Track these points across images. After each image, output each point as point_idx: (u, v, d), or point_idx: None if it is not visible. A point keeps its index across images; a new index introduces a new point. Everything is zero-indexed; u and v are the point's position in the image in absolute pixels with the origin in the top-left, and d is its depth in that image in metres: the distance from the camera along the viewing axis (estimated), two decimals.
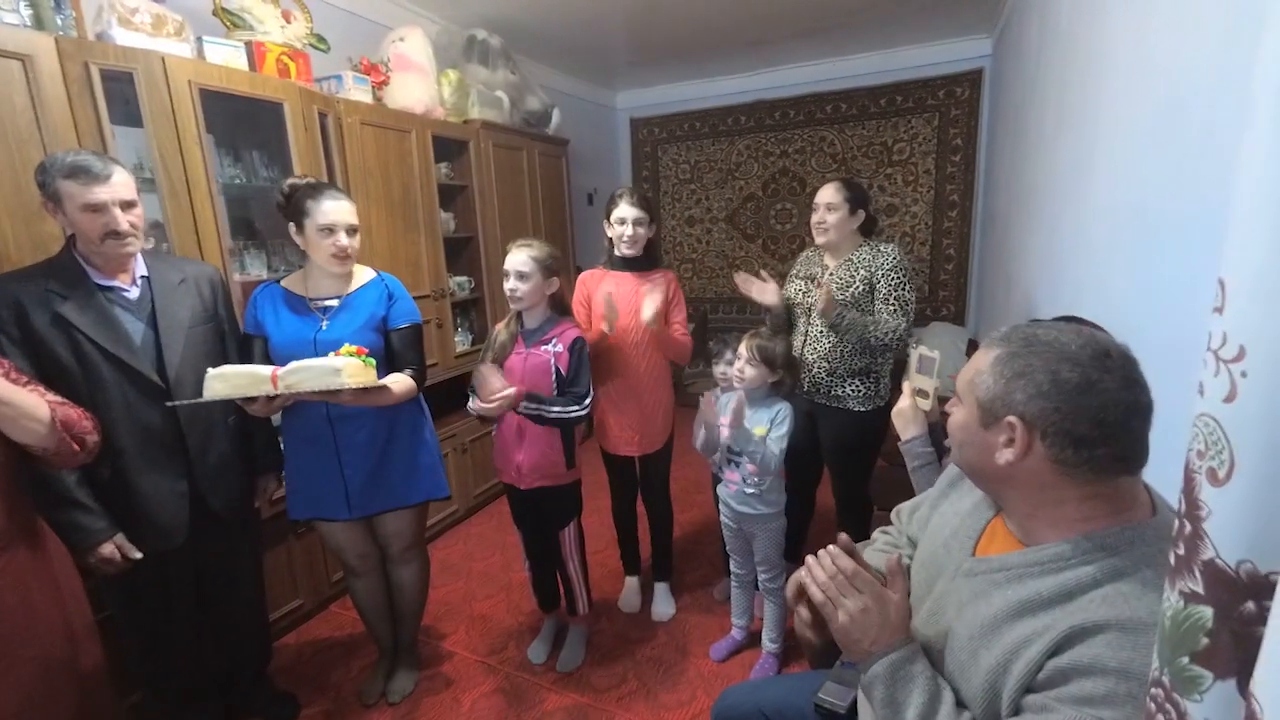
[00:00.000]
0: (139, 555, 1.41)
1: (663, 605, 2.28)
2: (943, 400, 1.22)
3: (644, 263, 2.07)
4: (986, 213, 4.08)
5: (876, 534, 1.15)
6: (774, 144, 4.78)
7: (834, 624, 0.84)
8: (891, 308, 1.90)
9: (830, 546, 0.88)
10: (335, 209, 1.58)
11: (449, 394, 2.70)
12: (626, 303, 2.01)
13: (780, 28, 3.66)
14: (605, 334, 1.96)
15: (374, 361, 1.52)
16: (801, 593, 0.92)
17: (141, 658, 1.58)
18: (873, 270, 1.93)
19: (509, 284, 1.76)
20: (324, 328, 1.61)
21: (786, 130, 4.72)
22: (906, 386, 1.45)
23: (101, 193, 1.32)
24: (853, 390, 1.99)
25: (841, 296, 1.94)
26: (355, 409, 1.60)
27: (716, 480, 2.00)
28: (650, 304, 1.91)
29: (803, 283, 2.10)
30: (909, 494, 1.24)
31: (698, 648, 2.09)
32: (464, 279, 3.07)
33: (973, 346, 3.83)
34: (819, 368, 2.01)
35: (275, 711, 1.83)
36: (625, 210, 1.98)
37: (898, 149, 4.43)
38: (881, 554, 1.06)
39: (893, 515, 1.15)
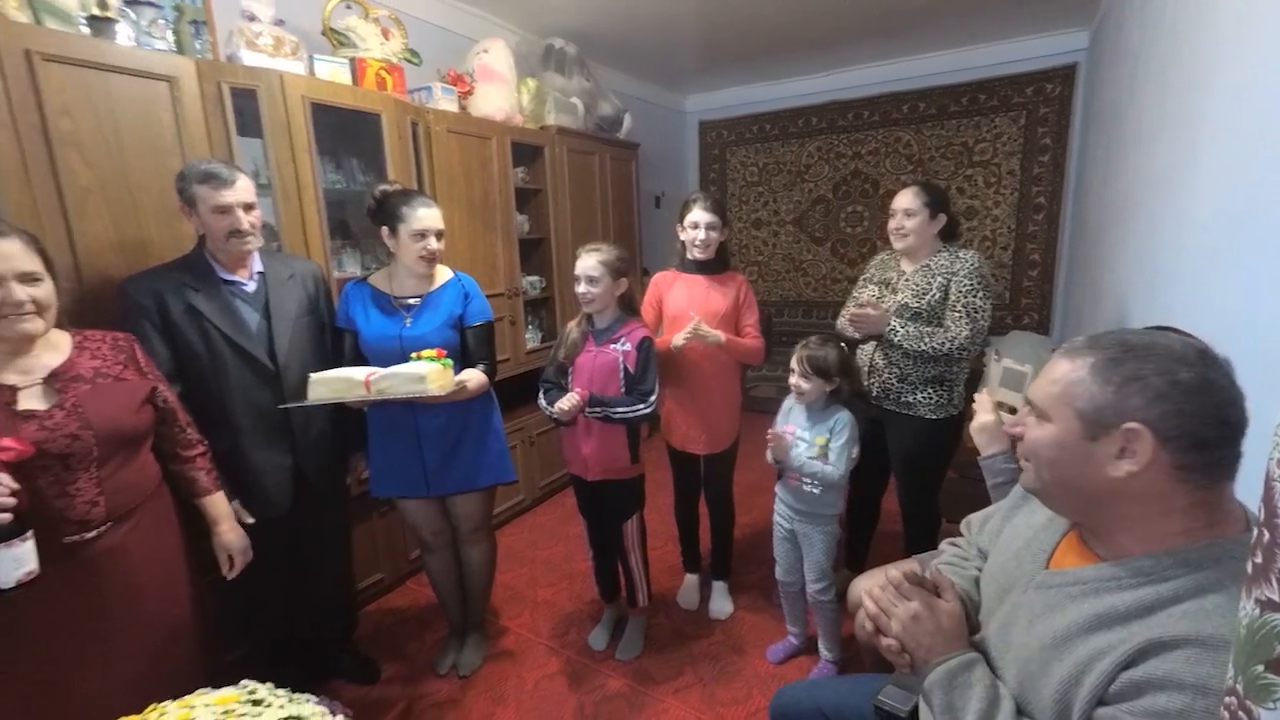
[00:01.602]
0: (250, 520, 1.58)
1: (720, 603, 2.31)
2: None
3: (715, 266, 2.10)
4: (1076, 216, 3.85)
5: (944, 545, 1.14)
6: (846, 145, 4.69)
7: (888, 633, 0.85)
8: (957, 315, 1.85)
9: (889, 566, 0.89)
10: (427, 215, 1.71)
11: (520, 388, 2.82)
12: (697, 305, 2.05)
13: (855, 28, 3.60)
14: (671, 346, 1.98)
15: (451, 362, 1.64)
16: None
17: (245, 617, 1.76)
18: (949, 276, 1.88)
19: (580, 288, 1.84)
20: (408, 325, 1.75)
21: (860, 131, 4.62)
22: (983, 399, 1.40)
23: (228, 196, 1.50)
24: (924, 398, 1.95)
25: (917, 304, 1.90)
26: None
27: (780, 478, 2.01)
28: (683, 337, 1.91)
29: (877, 288, 2.06)
30: (981, 507, 1.22)
31: (754, 649, 2.10)
32: (536, 278, 3.20)
33: None
34: (890, 374, 1.98)
35: (358, 674, 1.99)
36: (699, 214, 2.02)
37: (979, 149, 4.24)
38: (950, 566, 1.05)
39: (962, 526, 1.13)
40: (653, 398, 1.85)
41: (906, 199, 1.93)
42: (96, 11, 1.60)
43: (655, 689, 1.93)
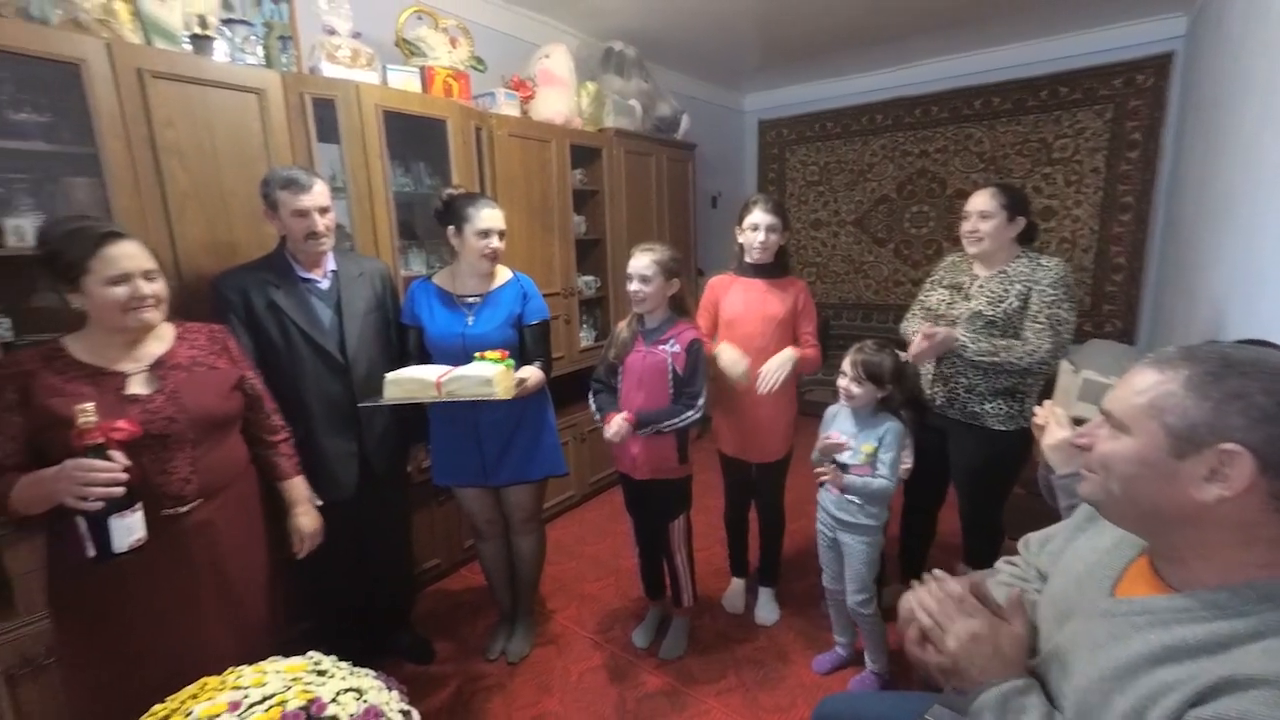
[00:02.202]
0: (319, 502, 1.69)
1: (766, 610, 2.28)
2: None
3: (774, 270, 2.06)
4: (1169, 217, 3.56)
5: (1000, 564, 1.09)
6: (912, 143, 4.51)
7: (942, 649, 0.82)
8: (1039, 326, 1.74)
9: (936, 571, 0.86)
10: (491, 215, 1.78)
11: (573, 386, 2.88)
12: (754, 309, 2.03)
13: (927, 21, 3.46)
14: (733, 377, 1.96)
15: (513, 363, 1.71)
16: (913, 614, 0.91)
17: (313, 592, 1.88)
18: (1030, 284, 1.77)
19: (632, 286, 1.85)
20: (470, 323, 1.82)
21: (927, 128, 4.44)
22: (1057, 412, 1.29)
23: (305, 200, 1.61)
24: (993, 409, 1.85)
25: (992, 311, 1.80)
26: None
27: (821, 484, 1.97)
28: (732, 362, 1.91)
29: (947, 292, 1.97)
30: (1049, 524, 1.16)
31: (800, 657, 2.07)
32: (591, 278, 3.26)
33: None
34: (958, 383, 1.89)
35: (415, 653, 2.09)
36: (759, 216, 1.99)
37: (1059, 145, 3.99)
38: (1005, 587, 1.01)
39: (1020, 545, 1.08)
40: (700, 401, 1.85)
41: (982, 200, 1.83)
42: (198, 30, 1.75)
43: (697, 689, 1.93)
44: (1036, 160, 4.08)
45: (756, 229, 1.99)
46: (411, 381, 1.63)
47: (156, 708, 0.90)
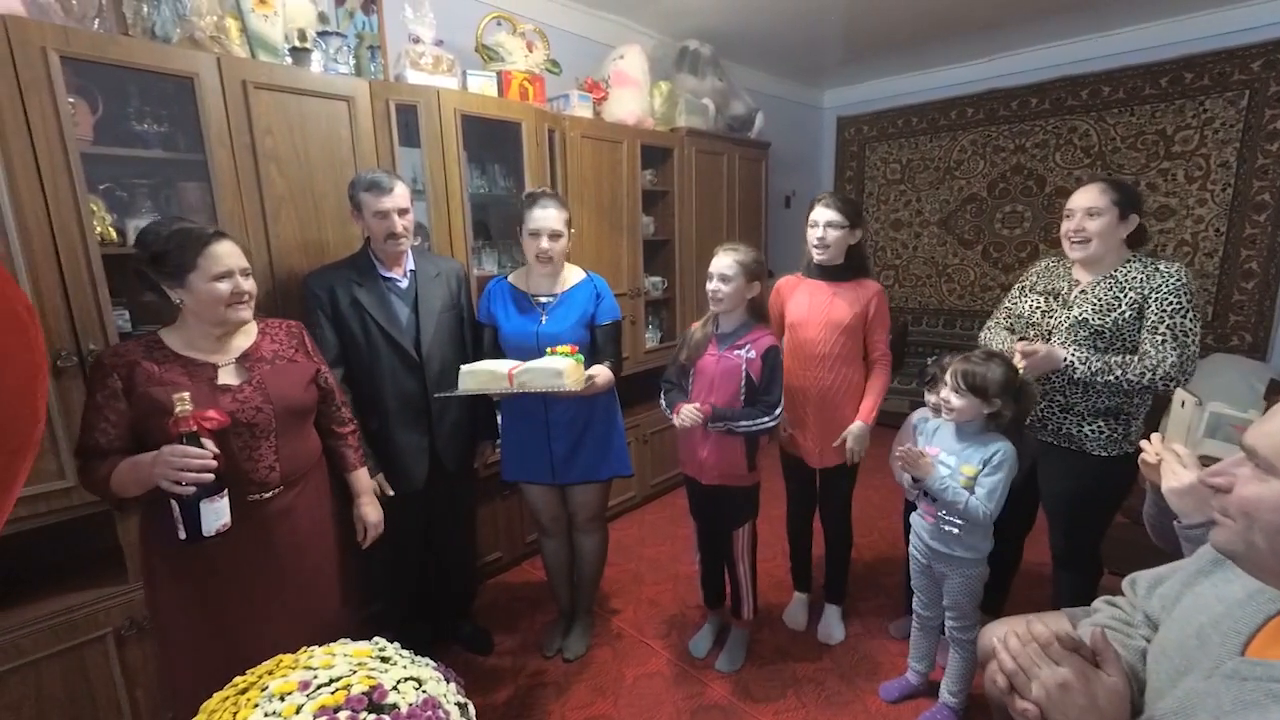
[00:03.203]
0: (392, 493, 1.77)
1: (832, 628, 2.18)
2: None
3: (843, 272, 1.96)
4: None
5: (1100, 604, 0.98)
6: (1007, 138, 4.21)
7: (1027, 697, 0.74)
8: (1160, 338, 1.55)
9: (1031, 618, 0.77)
10: (540, 216, 1.78)
11: (638, 386, 2.87)
12: (818, 313, 1.95)
13: (1028, 5, 3.20)
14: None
15: (583, 357, 1.71)
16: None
17: (380, 579, 1.96)
18: (1146, 292, 1.59)
19: (711, 285, 1.81)
20: (544, 322, 1.84)
21: (1025, 121, 4.12)
22: (1177, 450, 1.09)
23: (386, 202, 1.68)
24: (1094, 431, 1.68)
25: (1100, 320, 1.62)
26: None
27: (910, 507, 1.85)
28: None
29: (1042, 299, 1.79)
30: (1156, 561, 1.02)
31: (865, 682, 1.96)
32: (658, 279, 3.24)
33: (1276, 389, 2.99)
34: (1053, 401, 1.73)
35: (475, 643, 2.15)
36: (819, 213, 1.90)
37: (1181, 138, 3.60)
38: (1109, 631, 0.90)
39: (1125, 585, 0.96)
40: (778, 410, 1.79)
41: (1089, 196, 1.65)
42: (296, 44, 1.87)
43: (755, 707, 1.87)
44: (1153, 154, 3.69)
45: (815, 226, 1.91)
46: (485, 373, 1.67)
47: (237, 680, 0.96)
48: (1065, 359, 1.62)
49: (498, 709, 1.89)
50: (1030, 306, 1.81)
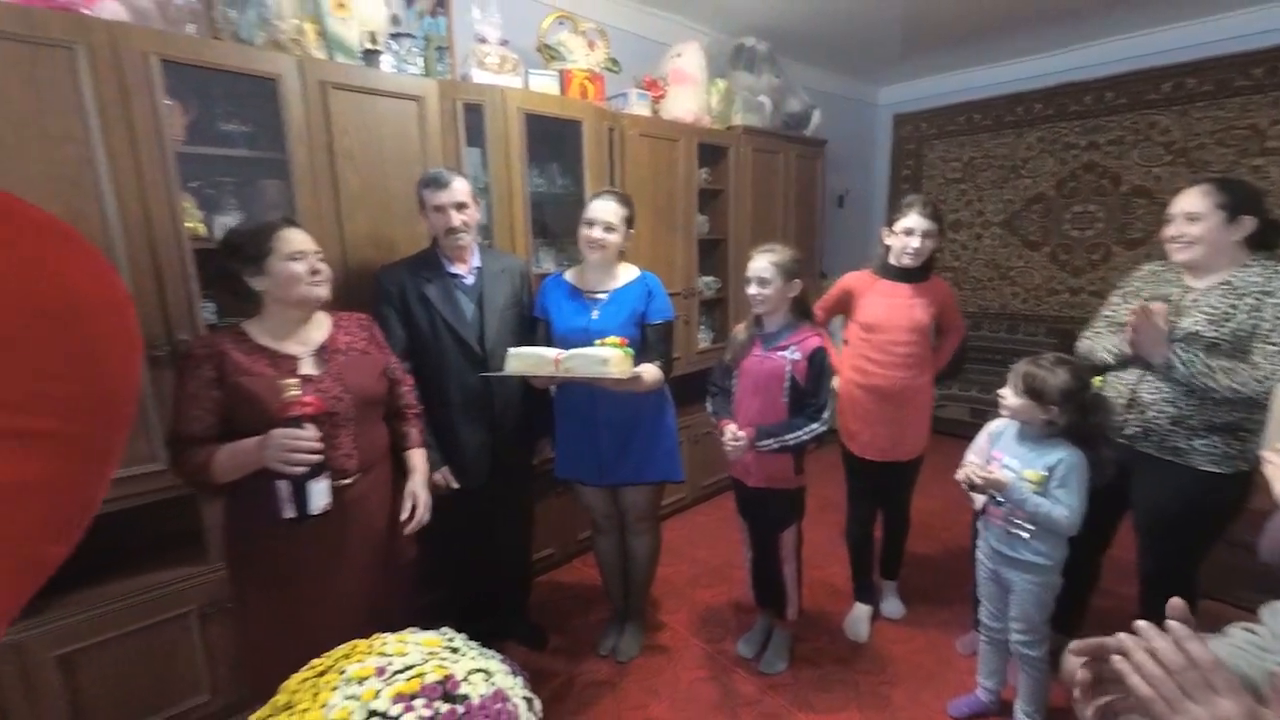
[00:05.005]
0: (457, 486, 1.79)
1: (892, 605, 2.23)
2: None
3: (919, 274, 1.99)
4: None
5: (1234, 629, 0.88)
6: (1079, 134, 4.00)
7: None
8: (1272, 349, 1.43)
9: (1171, 623, 0.68)
10: (600, 207, 1.79)
11: (690, 387, 2.84)
12: (899, 318, 1.95)
13: None
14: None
15: (632, 352, 1.69)
16: (1093, 661, 0.72)
17: (441, 570, 1.98)
18: (1263, 297, 1.46)
19: (750, 289, 1.79)
20: (595, 318, 1.83)
21: (1099, 117, 3.91)
22: None
23: (443, 196, 1.71)
24: (1204, 445, 1.54)
25: (1215, 332, 1.49)
26: (613, 391, 1.80)
27: (977, 515, 1.77)
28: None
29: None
30: (1263, 583, 0.92)
31: (931, 698, 1.89)
32: (711, 279, 3.20)
33: None
34: (1159, 411, 1.59)
35: (530, 639, 2.16)
36: (915, 220, 1.90)
37: (1275, 132, 3.35)
38: (1240, 651, 0.82)
39: (1264, 612, 0.87)
40: (826, 414, 1.76)
41: (1190, 200, 1.54)
42: (369, 45, 1.92)
43: (814, 718, 1.82)
44: (1244, 150, 3.45)
45: (911, 233, 1.91)
46: (531, 356, 1.66)
47: (315, 662, 0.97)
48: (1165, 355, 1.51)
49: (553, 705, 1.89)
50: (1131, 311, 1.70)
